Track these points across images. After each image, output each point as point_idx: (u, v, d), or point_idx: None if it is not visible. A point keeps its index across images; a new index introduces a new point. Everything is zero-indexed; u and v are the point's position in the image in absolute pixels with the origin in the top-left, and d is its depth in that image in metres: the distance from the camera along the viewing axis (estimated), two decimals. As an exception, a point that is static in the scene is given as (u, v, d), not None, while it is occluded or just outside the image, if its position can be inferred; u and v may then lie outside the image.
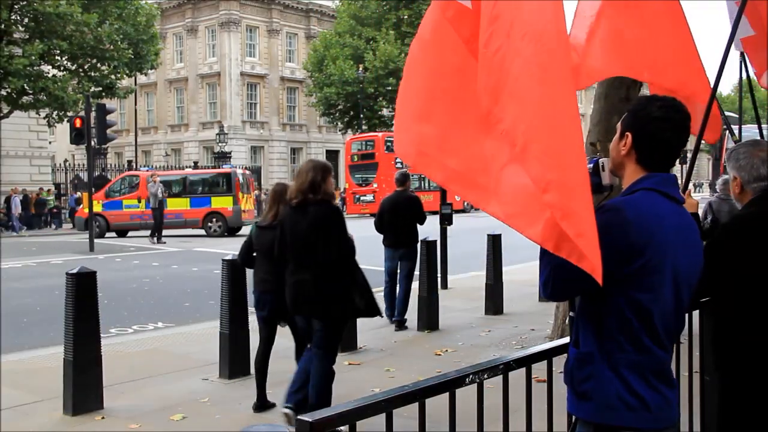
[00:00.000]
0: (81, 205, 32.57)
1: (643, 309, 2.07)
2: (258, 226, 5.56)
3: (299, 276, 4.71)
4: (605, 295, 2.06)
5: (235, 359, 6.31)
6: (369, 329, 8.10)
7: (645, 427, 2.09)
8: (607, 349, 2.10)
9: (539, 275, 2.18)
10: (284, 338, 8.05)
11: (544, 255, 2.11)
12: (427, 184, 34.91)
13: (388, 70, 40.71)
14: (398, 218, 8.56)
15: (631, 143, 2.18)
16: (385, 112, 45.20)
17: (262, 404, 5.46)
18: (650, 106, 2.17)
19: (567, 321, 5.24)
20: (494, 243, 9.40)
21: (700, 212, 3.80)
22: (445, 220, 11.07)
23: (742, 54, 4.89)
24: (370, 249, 8.53)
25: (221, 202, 25.26)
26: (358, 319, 7.35)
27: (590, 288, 1.99)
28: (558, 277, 2.09)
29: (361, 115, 42.97)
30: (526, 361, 2.61)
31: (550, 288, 2.14)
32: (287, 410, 4.82)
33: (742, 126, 6.41)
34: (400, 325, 8.40)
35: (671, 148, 2.17)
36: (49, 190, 32.87)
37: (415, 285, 8.74)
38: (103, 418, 5.29)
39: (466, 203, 38.28)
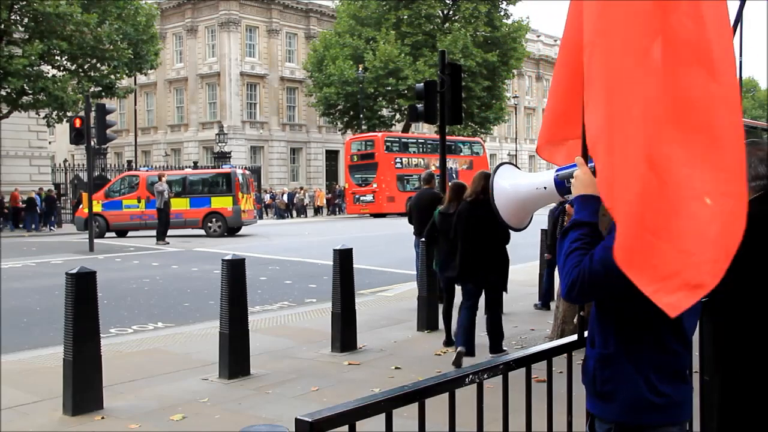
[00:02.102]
0: (38, 206, 32.32)
1: None
2: (441, 213, 7.48)
3: (473, 251, 6.61)
4: (635, 296, 2.02)
5: (235, 359, 6.29)
6: (369, 329, 8.11)
7: (667, 422, 2.15)
8: (633, 349, 2.13)
9: (561, 279, 2.17)
10: (285, 339, 8.07)
11: (567, 258, 2.12)
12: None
13: (387, 70, 40.62)
14: (421, 211, 9.49)
15: None
16: (384, 112, 45.13)
17: (449, 341, 7.45)
18: None
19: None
20: (494, 243, 9.44)
21: None
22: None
23: (740, 53, 4.86)
24: (366, 249, 8.52)
25: (221, 202, 25.25)
26: (357, 319, 7.49)
27: (617, 292, 2.01)
28: (587, 282, 2.06)
29: (361, 115, 42.90)
30: (526, 361, 2.61)
31: (576, 292, 2.11)
32: (461, 348, 6.53)
33: None
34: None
35: None
36: (49, 190, 32.83)
37: (415, 285, 8.73)
38: (102, 418, 5.28)
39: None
